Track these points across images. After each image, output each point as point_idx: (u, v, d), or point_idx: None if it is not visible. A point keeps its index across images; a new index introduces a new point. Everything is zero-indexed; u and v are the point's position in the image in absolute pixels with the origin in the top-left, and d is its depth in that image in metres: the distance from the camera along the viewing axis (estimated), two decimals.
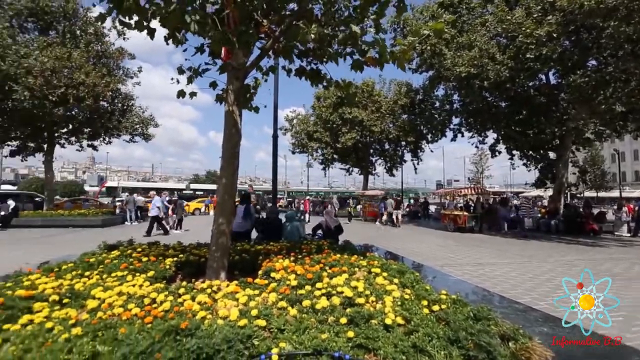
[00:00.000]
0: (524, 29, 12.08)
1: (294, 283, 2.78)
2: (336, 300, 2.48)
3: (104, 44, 18.12)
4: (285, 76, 4.01)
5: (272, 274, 3.05)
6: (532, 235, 13.92)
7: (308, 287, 2.72)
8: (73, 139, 19.02)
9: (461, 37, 14.94)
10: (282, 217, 6.51)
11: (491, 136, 19.21)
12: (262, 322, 2.10)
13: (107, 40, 18.26)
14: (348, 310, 2.35)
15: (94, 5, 2.78)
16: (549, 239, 12.72)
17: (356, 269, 3.34)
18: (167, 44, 3.55)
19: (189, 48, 3.66)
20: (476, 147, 21.14)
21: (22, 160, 19.41)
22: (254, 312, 2.20)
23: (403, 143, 24.67)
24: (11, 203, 16.02)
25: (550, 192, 18.40)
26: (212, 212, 20.09)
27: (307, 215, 18.48)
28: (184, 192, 36.89)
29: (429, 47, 15.94)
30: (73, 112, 16.74)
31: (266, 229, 5.98)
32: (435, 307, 2.46)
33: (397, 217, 18.01)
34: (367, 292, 2.69)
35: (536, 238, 12.93)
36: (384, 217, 18.67)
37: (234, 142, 3.41)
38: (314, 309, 2.37)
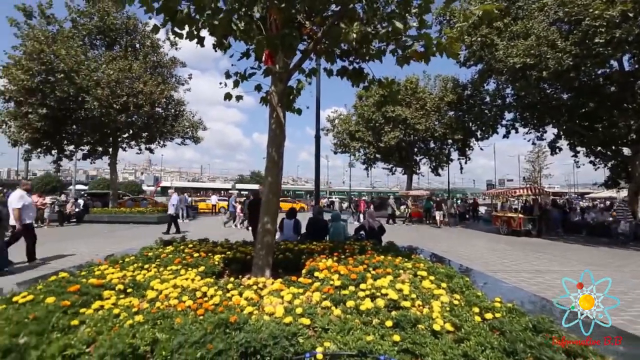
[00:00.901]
0: (591, 10, 10.84)
1: (338, 283, 2.78)
2: (381, 303, 2.43)
3: (159, 54, 19.71)
4: (327, 76, 4.00)
5: (316, 274, 3.07)
6: (602, 241, 12.49)
7: (352, 288, 2.69)
8: (133, 143, 20.87)
9: (515, 26, 13.83)
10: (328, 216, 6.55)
11: (551, 131, 17.56)
12: (306, 321, 2.12)
13: (162, 51, 19.82)
14: (393, 313, 2.29)
15: (150, 18, 3.02)
16: (624, 246, 11.32)
17: (401, 271, 3.25)
18: (215, 50, 3.75)
19: (235, 54, 3.83)
20: (533, 143, 19.52)
21: (91, 163, 21.73)
22: (299, 311, 2.22)
23: (449, 141, 23.49)
24: (81, 202, 18.06)
25: (624, 192, 16.36)
26: None
27: (360, 216, 18.39)
28: (230, 191, 38.70)
29: (478, 39, 14.99)
30: (133, 119, 18.37)
31: (311, 229, 6.05)
32: (488, 315, 2.30)
33: (439, 218, 18.08)
34: (413, 296, 2.60)
35: (607, 245, 11.58)
36: (446, 218, 18.74)
37: (279, 143, 3.49)
38: (358, 310, 2.35)
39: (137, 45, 19.19)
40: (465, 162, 24.24)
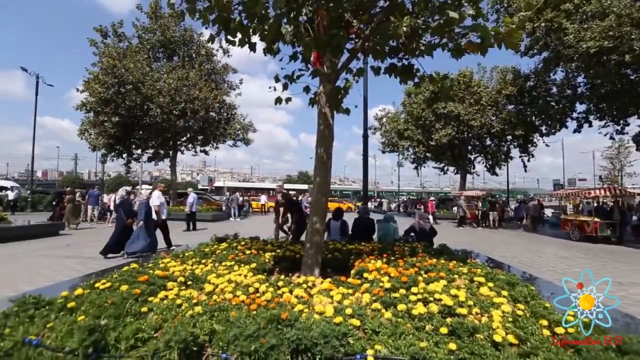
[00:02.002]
0: None
1: (388, 285, 2.71)
2: (434, 308, 2.31)
3: (213, 62, 21.03)
4: (374, 74, 3.92)
5: (365, 275, 3.03)
6: None
7: (402, 291, 2.61)
8: (190, 145, 22.49)
9: (589, 5, 12.33)
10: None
11: (635, 124, 15.40)
12: (356, 322, 2.09)
13: (215, 59, 21.12)
14: (448, 320, 2.17)
15: (206, 28, 3.22)
16: None
17: (455, 276, 3.07)
18: (265, 55, 3.87)
19: (284, 57, 3.92)
20: (611, 138, 17.20)
21: (155, 165, 23.96)
22: (349, 311, 2.21)
23: (509, 137, 21.73)
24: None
25: None
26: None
27: (430, 218, 17.55)
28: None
29: (542, 24, 13.63)
30: (190, 123, 19.85)
31: (357, 229, 5.98)
32: (559, 330, 2.08)
33: (494, 220, 17.30)
34: (470, 303, 2.45)
35: None
36: (525, 221, 17.43)
37: (327, 144, 3.50)
38: (410, 315, 2.26)
39: (193, 55, 20.71)
40: (528, 160, 22.21)
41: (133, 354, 1.85)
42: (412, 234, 5.95)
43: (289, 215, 7.96)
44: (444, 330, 2.02)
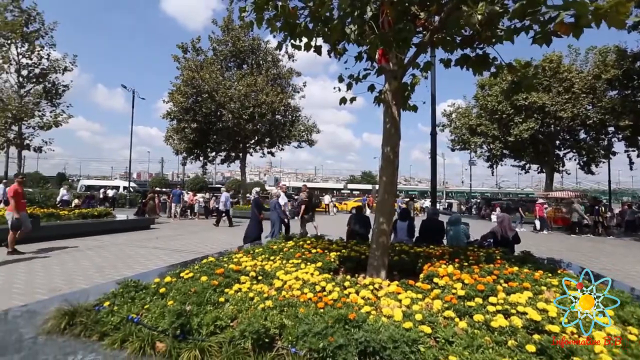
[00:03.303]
0: None
1: (461, 293, 2.52)
2: (517, 322, 2.08)
3: (278, 67, 22.06)
4: (442, 69, 3.67)
5: (435, 279, 2.86)
6: None
7: (478, 300, 2.40)
8: (257, 148, 23.90)
9: None
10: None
11: None
12: (427, 329, 1.99)
13: (280, 64, 22.12)
14: (536, 336, 1.93)
15: (274, 36, 3.36)
16: None
17: (543, 288, 2.72)
18: (330, 57, 3.91)
19: (348, 59, 3.91)
20: None
21: (227, 166, 26.07)
22: (418, 317, 2.11)
23: (611, 129, 18.54)
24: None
25: None
26: (368, 210, 20.93)
27: (537, 223, 15.50)
28: (342, 191, 40.05)
29: None
30: (257, 127, 21.10)
31: (425, 230, 5.70)
32: None
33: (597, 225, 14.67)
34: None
35: None
36: None
37: (394, 142, 3.40)
38: (488, 327, 2.07)
39: (261, 62, 22.00)
40: (638, 155, 18.64)
41: (212, 339, 2.02)
42: (491, 240, 5.45)
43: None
44: (531, 347, 1.80)
